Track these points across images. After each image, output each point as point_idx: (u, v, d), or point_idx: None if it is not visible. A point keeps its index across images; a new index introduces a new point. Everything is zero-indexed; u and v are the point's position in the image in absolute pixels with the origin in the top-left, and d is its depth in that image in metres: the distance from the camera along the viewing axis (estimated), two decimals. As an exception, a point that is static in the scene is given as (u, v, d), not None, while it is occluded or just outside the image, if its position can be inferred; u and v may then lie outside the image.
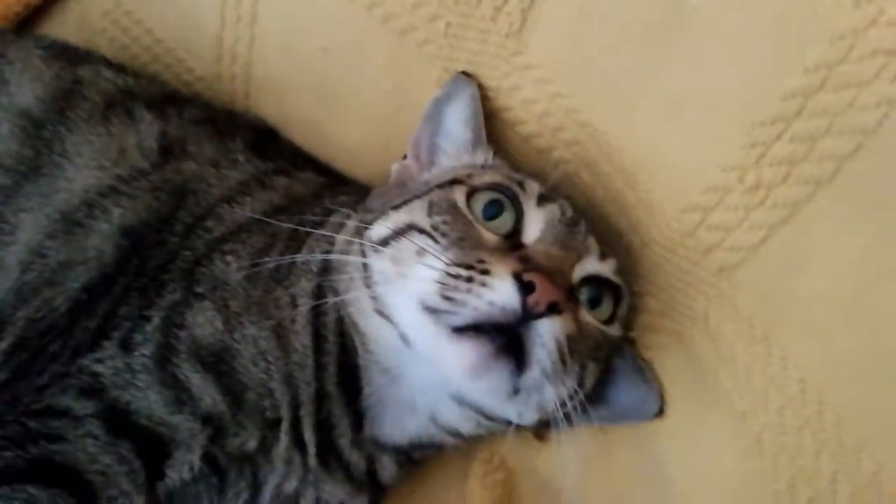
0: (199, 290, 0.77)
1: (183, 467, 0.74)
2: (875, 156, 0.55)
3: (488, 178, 0.76)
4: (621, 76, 0.70)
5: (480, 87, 0.78)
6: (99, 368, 0.75)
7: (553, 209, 0.74)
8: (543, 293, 0.64)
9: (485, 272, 0.65)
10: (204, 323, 0.76)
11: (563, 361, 0.66)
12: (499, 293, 0.64)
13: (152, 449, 0.73)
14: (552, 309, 0.64)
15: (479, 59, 0.77)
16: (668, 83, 0.67)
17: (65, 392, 0.74)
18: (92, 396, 0.74)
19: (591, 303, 0.72)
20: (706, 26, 0.64)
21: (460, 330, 0.65)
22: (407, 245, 0.72)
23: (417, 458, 0.83)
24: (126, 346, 0.76)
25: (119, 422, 0.73)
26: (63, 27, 0.99)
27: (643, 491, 0.78)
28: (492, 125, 0.80)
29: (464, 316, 0.65)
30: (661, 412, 0.74)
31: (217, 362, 0.75)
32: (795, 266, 0.63)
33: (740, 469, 0.67)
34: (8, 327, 0.79)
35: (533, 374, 0.66)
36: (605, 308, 0.73)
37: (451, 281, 0.66)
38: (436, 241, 0.71)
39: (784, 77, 0.58)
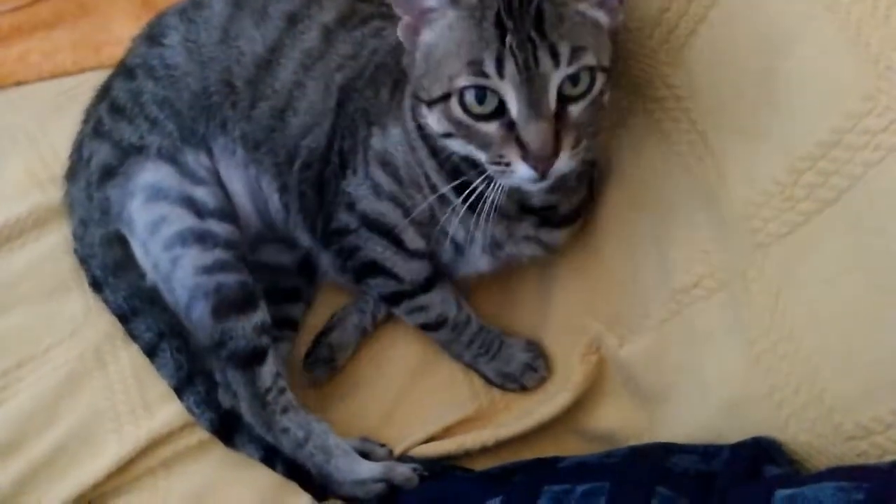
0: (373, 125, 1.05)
1: None
2: (863, 192, 0.77)
3: (462, 80, 0.85)
4: (731, 101, 0.90)
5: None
6: (350, 189, 1.07)
7: (510, 66, 0.82)
8: (545, 167, 0.85)
9: (507, 164, 0.86)
10: (377, 142, 1.05)
11: (579, 146, 0.86)
12: (522, 174, 0.86)
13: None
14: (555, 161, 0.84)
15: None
16: (755, 113, 0.86)
17: (339, 209, 1.08)
18: (352, 210, 1.07)
19: (571, 83, 0.84)
20: (785, 83, 0.83)
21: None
22: (458, 143, 0.91)
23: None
24: (354, 171, 1.06)
25: (369, 222, 1.06)
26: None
27: (684, 378, 1.00)
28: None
29: (514, 179, 0.88)
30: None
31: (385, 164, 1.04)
32: (804, 253, 0.82)
33: (743, 374, 0.89)
34: (301, 150, 1.11)
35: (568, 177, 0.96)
36: (584, 81, 0.85)
37: (495, 167, 0.88)
38: (472, 146, 0.89)
39: (817, 131, 0.79)
